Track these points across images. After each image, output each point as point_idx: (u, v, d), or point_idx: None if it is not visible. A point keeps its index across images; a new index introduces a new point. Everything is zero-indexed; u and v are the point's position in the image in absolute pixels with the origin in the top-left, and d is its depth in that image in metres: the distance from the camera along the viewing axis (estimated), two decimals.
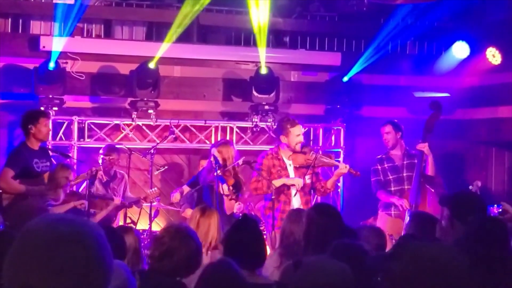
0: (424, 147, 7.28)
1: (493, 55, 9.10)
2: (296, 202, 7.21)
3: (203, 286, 2.90)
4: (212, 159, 7.26)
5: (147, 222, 7.89)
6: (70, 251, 1.50)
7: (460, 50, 9.32)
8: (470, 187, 7.31)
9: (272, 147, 7.64)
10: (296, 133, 7.24)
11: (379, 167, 7.82)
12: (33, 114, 7.12)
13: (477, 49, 9.27)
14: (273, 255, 4.77)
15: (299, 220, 4.54)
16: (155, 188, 8.00)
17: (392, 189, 7.74)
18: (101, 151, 7.97)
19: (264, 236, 4.76)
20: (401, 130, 7.82)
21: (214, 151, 7.28)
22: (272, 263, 4.59)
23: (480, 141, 9.84)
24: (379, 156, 7.89)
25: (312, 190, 7.24)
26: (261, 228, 7.79)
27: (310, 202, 7.28)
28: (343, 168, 7.18)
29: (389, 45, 9.92)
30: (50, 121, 7.65)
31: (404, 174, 7.77)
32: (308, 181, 7.16)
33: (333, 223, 3.90)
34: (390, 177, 7.75)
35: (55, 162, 7.35)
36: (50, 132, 7.68)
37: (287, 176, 7.20)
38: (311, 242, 3.89)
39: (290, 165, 7.23)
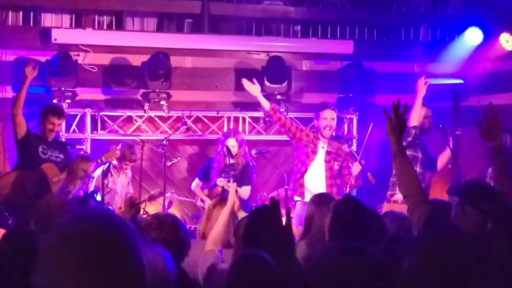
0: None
1: (507, 41, 9.02)
2: (319, 184, 7.41)
3: (235, 279, 2.87)
4: (225, 149, 7.33)
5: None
6: (104, 251, 1.48)
7: (473, 36, 9.23)
8: (490, 169, 7.30)
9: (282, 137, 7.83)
10: (323, 117, 7.56)
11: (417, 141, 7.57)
12: (45, 109, 7.27)
13: (490, 35, 9.19)
14: (300, 244, 4.67)
15: (328, 207, 4.38)
16: (158, 190, 7.99)
17: (418, 170, 7.49)
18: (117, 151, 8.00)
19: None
20: None
21: (232, 141, 7.40)
22: (299, 253, 4.51)
23: None
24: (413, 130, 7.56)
25: (338, 177, 7.50)
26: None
27: (334, 186, 7.35)
28: (355, 169, 7.34)
29: (402, 32, 9.87)
30: (62, 120, 7.61)
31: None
32: (336, 167, 7.44)
33: (359, 218, 3.85)
34: (419, 155, 7.57)
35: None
36: (59, 131, 7.74)
37: (314, 153, 7.53)
38: (335, 236, 3.84)
39: (323, 147, 7.56)
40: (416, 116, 7.49)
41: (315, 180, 7.49)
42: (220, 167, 7.64)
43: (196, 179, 8.18)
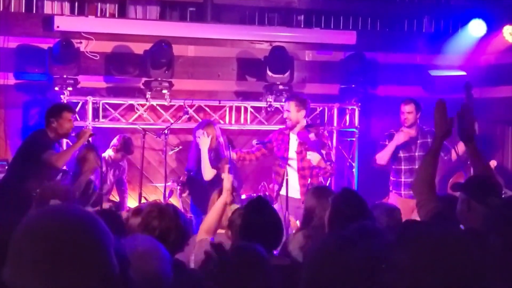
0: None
1: (510, 33, 9.01)
2: (293, 176, 7.40)
3: (228, 271, 2.87)
4: (221, 140, 7.38)
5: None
6: (67, 246, 1.48)
7: (476, 28, 9.22)
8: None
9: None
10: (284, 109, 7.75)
11: (387, 143, 7.82)
12: (56, 107, 6.98)
13: (494, 27, 9.18)
14: (297, 235, 4.71)
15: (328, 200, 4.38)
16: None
17: (403, 167, 7.77)
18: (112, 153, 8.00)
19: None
20: (421, 110, 7.80)
21: (200, 132, 7.38)
22: (296, 244, 4.54)
23: (497, 120, 9.75)
24: (388, 132, 7.91)
25: (311, 174, 7.33)
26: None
27: (307, 177, 7.32)
28: (313, 159, 7.25)
29: (405, 23, 9.84)
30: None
31: (417, 154, 7.76)
32: (309, 157, 7.31)
33: (357, 211, 3.85)
34: (401, 154, 7.78)
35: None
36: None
37: (287, 150, 7.52)
38: (334, 229, 3.84)
39: (296, 139, 7.50)
40: (389, 154, 7.78)
41: (290, 172, 7.45)
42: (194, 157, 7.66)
43: None
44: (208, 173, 7.31)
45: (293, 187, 7.35)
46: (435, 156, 3.91)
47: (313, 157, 7.24)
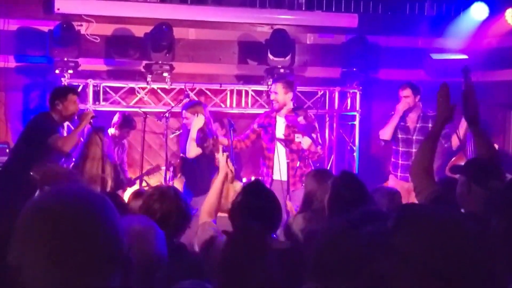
0: None
1: None
2: (282, 159, 7.37)
3: (230, 253, 2.86)
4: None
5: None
6: (74, 228, 1.46)
7: (478, 11, 9.17)
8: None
9: None
10: (271, 91, 7.69)
11: None
12: (61, 90, 6.90)
13: (496, 10, 9.12)
14: (297, 218, 4.71)
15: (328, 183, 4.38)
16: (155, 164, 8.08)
17: (400, 149, 7.79)
18: (114, 131, 8.00)
19: None
20: (420, 93, 7.78)
21: (185, 113, 7.30)
22: (296, 227, 4.55)
23: (498, 103, 9.72)
24: (393, 113, 7.91)
25: (299, 157, 7.33)
26: None
27: (295, 160, 7.32)
28: (304, 142, 7.24)
29: (407, 6, 9.79)
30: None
31: (414, 137, 7.74)
32: (297, 140, 7.28)
33: (357, 194, 3.84)
34: (399, 136, 7.78)
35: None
36: None
37: (273, 133, 7.47)
38: (334, 212, 3.84)
39: (283, 122, 7.47)
40: (392, 128, 7.77)
41: (278, 156, 7.43)
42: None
43: None
44: (192, 150, 7.19)
45: (282, 171, 7.34)
46: (434, 140, 3.88)
47: (304, 141, 7.23)
